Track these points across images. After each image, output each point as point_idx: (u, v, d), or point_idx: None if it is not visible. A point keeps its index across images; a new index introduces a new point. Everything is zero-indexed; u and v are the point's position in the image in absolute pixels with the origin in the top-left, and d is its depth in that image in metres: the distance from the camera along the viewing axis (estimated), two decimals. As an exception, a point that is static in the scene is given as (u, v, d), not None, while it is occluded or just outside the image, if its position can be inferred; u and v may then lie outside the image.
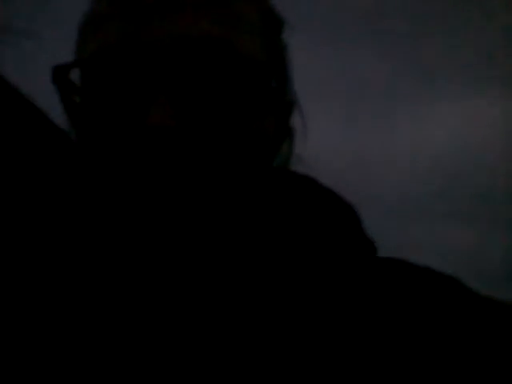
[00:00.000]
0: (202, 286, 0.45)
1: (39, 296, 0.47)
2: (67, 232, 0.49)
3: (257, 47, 0.47)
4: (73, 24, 0.50)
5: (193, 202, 0.43)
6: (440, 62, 2.14)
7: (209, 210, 0.44)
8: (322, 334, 0.44)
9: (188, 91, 0.43)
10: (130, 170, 0.43)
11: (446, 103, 2.16)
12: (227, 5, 0.46)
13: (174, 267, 0.45)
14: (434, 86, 2.16)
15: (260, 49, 0.47)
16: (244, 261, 0.46)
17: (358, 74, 2.09)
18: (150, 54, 0.43)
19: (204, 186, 0.43)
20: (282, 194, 0.50)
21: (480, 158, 2.13)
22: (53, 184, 0.50)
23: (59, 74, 0.47)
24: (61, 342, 0.45)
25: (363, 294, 0.46)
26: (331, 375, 0.42)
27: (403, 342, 0.44)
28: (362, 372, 0.42)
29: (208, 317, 0.45)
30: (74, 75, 0.47)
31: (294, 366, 0.43)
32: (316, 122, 0.53)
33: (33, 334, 0.46)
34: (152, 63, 0.43)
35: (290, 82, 0.52)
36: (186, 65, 0.43)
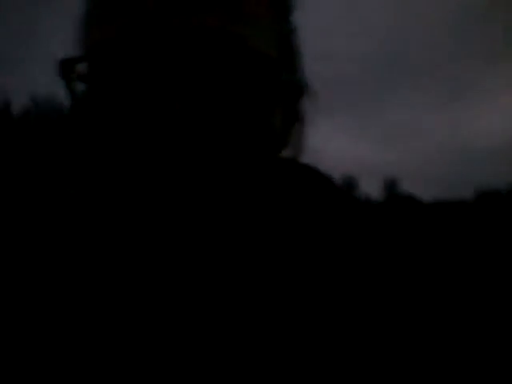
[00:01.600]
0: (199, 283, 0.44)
1: (38, 294, 0.47)
2: (66, 228, 0.49)
3: (266, 40, 0.46)
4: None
5: (193, 199, 0.42)
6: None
7: (208, 206, 0.43)
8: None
9: (194, 86, 0.43)
10: (134, 165, 0.43)
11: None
12: None
13: (172, 265, 0.44)
14: None
15: (269, 41, 0.46)
16: (243, 256, 0.46)
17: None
18: (158, 47, 0.42)
19: (205, 181, 0.42)
20: (287, 186, 0.50)
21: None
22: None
23: (67, 68, 0.46)
24: (60, 340, 0.45)
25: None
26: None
27: None
28: None
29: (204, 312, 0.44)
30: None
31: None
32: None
33: (32, 333, 0.45)
34: (160, 57, 0.42)
35: (301, 69, 0.51)
36: (193, 59, 0.43)
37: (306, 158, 0.53)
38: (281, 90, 0.47)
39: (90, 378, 0.43)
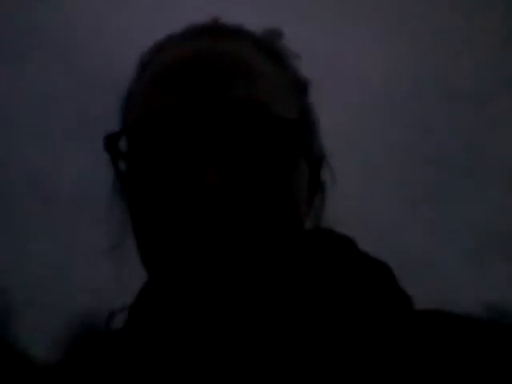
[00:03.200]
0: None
1: None
2: None
3: (289, 109, 0.50)
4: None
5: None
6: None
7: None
8: None
9: (230, 154, 0.46)
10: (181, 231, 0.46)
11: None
12: (261, 73, 0.49)
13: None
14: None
15: (292, 110, 0.51)
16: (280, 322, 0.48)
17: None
18: (191, 121, 0.46)
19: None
20: (319, 255, 0.52)
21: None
22: None
23: (111, 143, 0.49)
24: None
25: (399, 345, 0.47)
26: None
27: None
28: None
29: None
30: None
31: None
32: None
33: None
34: (195, 129, 0.46)
35: (319, 137, 0.55)
36: (226, 130, 0.46)
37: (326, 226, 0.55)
38: (304, 153, 0.50)
39: None
